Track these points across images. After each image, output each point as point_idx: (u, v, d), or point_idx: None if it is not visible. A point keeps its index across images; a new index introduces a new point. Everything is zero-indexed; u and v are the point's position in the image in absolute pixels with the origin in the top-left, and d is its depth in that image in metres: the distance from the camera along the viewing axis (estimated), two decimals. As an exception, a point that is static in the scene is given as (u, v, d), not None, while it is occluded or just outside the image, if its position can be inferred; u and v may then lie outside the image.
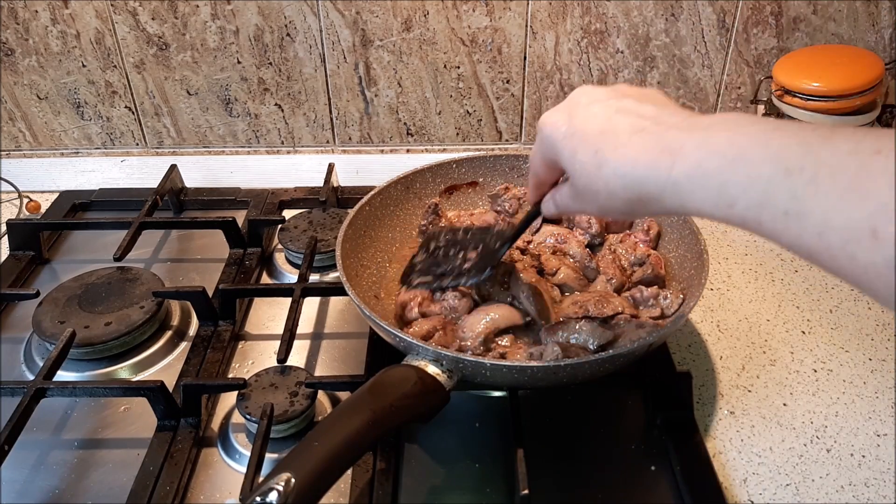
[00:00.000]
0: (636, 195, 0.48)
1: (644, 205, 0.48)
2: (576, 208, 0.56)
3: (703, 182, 0.44)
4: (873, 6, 0.98)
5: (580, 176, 0.51)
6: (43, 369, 0.72)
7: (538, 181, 0.61)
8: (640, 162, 0.47)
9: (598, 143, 0.50)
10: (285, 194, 1.07)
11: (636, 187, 0.47)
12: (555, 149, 0.54)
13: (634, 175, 0.47)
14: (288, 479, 0.51)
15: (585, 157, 0.50)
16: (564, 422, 0.72)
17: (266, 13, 1.00)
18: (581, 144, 0.51)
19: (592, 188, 0.51)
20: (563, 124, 0.53)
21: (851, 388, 0.76)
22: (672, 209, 0.47)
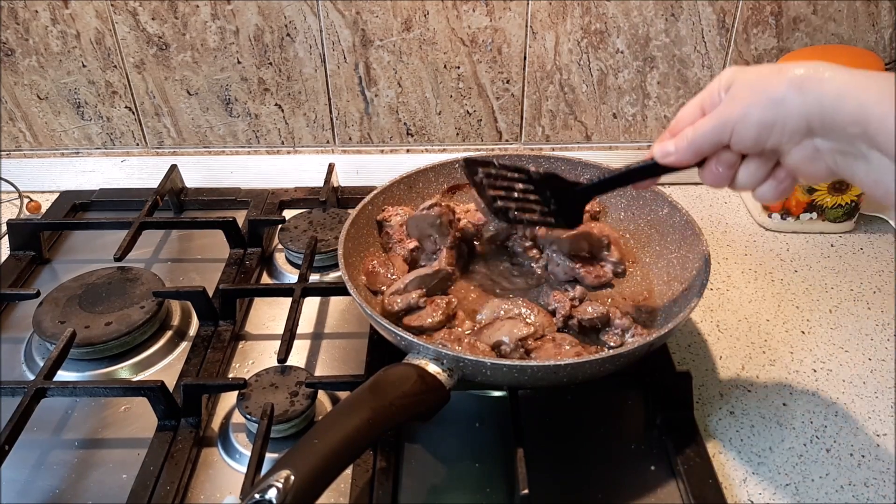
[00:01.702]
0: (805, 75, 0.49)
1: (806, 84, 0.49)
2: (709, 121, 0.54)
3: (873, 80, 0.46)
4: (873, 6, 0.98)
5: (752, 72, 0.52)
6: (43, 369, 0.72)
7: (673, 127, 0.59)
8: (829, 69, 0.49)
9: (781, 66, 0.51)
10: (285, 194, 1.07)
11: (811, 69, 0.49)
12: (731, 73, 0.54)
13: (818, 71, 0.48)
14: (287, 476, 0.51)
15: (766, 69, 0.52)
16: (564, 421, 0.72)
17: (266, 13, 1.00)
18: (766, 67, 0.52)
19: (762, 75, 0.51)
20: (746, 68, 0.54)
21: (851, 388, 0.76)
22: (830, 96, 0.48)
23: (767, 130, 0.51)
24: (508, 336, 0.69)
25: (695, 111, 0.57)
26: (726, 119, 0.53)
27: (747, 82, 0.52)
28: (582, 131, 1.10)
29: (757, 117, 0.51)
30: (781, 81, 0.50)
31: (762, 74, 0.52)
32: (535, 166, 0.70)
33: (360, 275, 0.80)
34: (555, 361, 0.64)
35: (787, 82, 0.49)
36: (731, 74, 0.54)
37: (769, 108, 0.50)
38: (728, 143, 0.54)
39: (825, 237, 0.98)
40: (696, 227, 0.78)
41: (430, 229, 0.80)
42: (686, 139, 0.55)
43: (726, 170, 0.57)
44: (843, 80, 0.47)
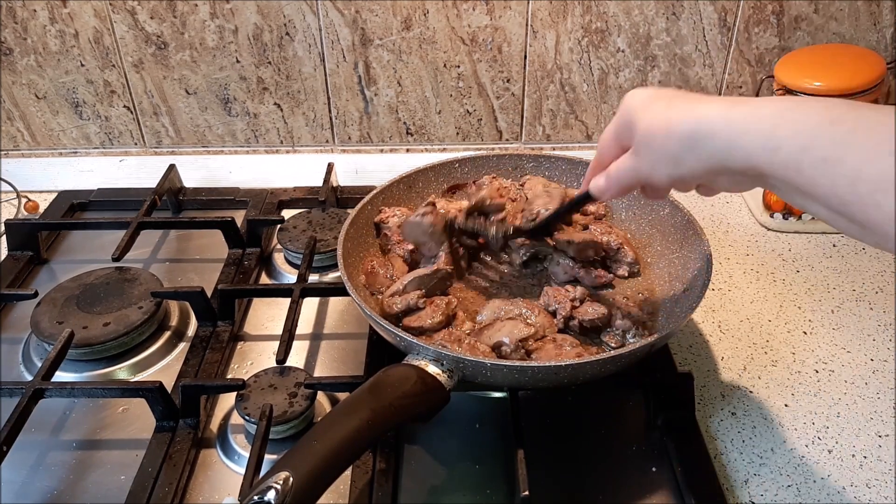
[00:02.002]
0: (692, 132, 0.51)
1: (696, 144, 0.52)
2: (628, 166, 0.58)
3: (756, 124, 0.48)
4: (875, 5, 0.98)
5: (645, 123, 0.55)
6: (41, 370, 0.71)
7: (599, 162, 0.63)
8: (708, 108, 0.51)
9: (674, 99, 0.55)
10: (284, 194, 1.06)
11: (693, 126, 0.51)
12: (631, 113, 0.57)
13: (697, 115, 0.51)
14: (286, 477, 0.51)
15: (659, 107, 0.55)
16: (565, 423, 0.72)
17: (265, 12, 1.00)
18: (657, 103, 0.55)
19: (652, 131, 0.54)
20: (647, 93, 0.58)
21: (853, 389, 0.76)
22: (720, 150, 0.50)
23: (677, 180, 0.56)
24: (509, 337, 0.69)
25: (612, 143, 0.61)
26: (638, 170, 0.58)
27: (645, 139, 0.55)
28: (583, 130, 1.09)
29: (664, 172, 0.55)
30: (673, 140, 0.53)
31: (654, 128, 0.54)
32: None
33: (360, 275, 0.80)
34: (555, 362, 0.64)
35: (678, 142, 0.53)
36: (630, 115, 0.57)
37: (671, 166, 0.54)
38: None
39: (827, 237, 0.98)
40: (698, 227, 0.78)
41: (423, 236, 0.80)
42: (613, 180, 0.61)
43: (656, 192, 0.64)
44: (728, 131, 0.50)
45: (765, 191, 0.98)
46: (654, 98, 0.56)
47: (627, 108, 0.58)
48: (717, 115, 0.50)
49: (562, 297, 0.75)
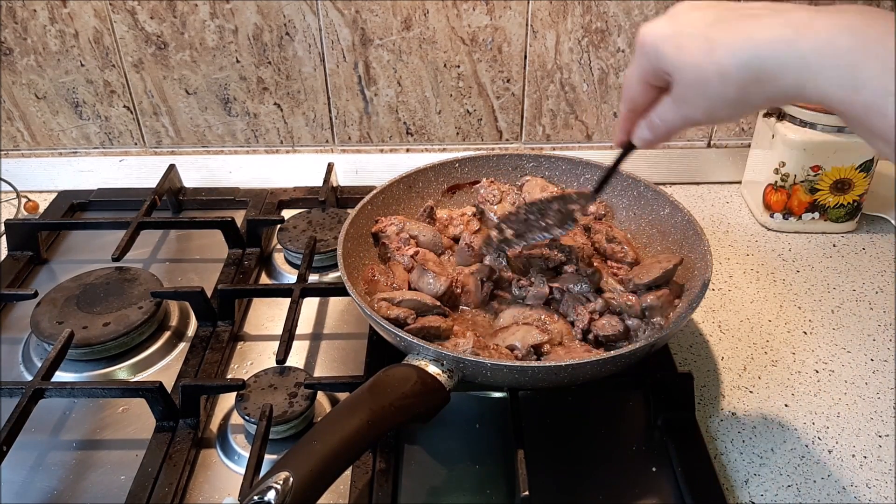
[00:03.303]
0: (753, 74, 0.45)
1: (760, 86, 0.45)
2: (678, 115, 0.53)
3: (832, 59, 0.42)
4: (874, 6, 0.97)
5: (690, 68, 0.48)
6: (41, 370, 0.71)
7: (632, 107, 0.57)
8: (761, 36, 0.45)
9: (709, 32, 0.47)
10: (284, 194, 1.06)
11: (754, 63, 0.45)
12: (657, 53, 0.51)
13: (754, 49, 0.45)
14: (286, 477, 0.51)
15: (695, 46, 0.48)
16: (565, 423, 0.72)
17: (265, 12, 1.00)
18: (689, 38, 0.48)
19: (702, 78, 0.48)
20: (666, 27, 0.51)
21: (853, 389, 0.76)
22: (790, 90, 0.45)
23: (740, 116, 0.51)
24: (521, 342, 0.69)
25: (643, 87, 0.55)
26: (691, 118, 0.52)
27: (694, 85, 0.49)
28: (583, 130, 1.09)
29: (723, 115, 0.50)
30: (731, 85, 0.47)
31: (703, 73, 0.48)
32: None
33: (360, 278, 0.79)
34: (555, 362, 0.63)
35: (738, 86, 0.46)
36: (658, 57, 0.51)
37: (732, 108, 0.49)
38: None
39: (827, 237, 0.98)
40: (698, 227, 0.78)
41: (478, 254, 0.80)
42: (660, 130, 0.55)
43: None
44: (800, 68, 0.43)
45: (765, 191, 0.98)
46: (681, 32, 0.49)
47: (651, 49, 0.51)
48: (783, 46, 0.43)
49: (581, 308, 0.73)
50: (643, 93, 0.55)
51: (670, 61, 0.50)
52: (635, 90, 0.55)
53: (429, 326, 0.71)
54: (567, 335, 0.72)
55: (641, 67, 0.53)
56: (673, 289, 0.76)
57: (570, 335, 0.72)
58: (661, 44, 0.50)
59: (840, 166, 0.93)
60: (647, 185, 0.85)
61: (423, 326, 0.71)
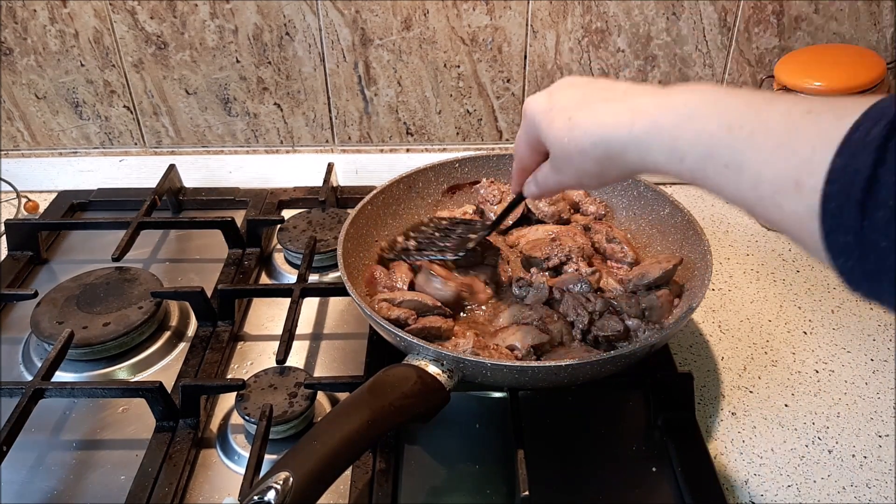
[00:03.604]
0: (604, 153, 0.52)
1: (612, 162, 0.52)
2: (554, 180, 0.60)
3: (658, 137, 0.48)
4: (875, 6, 0.98)
5: (556, 142, 0.56)
6: (41, 370, 0.71)
7: (522, 166, 0.64)
8: (606, 122, 0.51)
9: (571, 112, 0.54)
10: (284, 194, 1.06)
11: (603, 144, 0.51)
12: (535, 124, 0.58)
13: (601, 133, 0.51)
14: (286, 477, 0.51)
15: (560, 124, 0.55)
16: (565, 423, 0.72)
17: (265, 12, 1.00)
18: (558, 115, 0.55)
19: (566, 152, 0.55)
20: (544, 102, 0.58)
21: (853, 389, 0.76)
22: (635, 166, 0.51)
23: (604, 184, 0.59)
24: (521, 342, 0.69)
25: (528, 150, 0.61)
26: (566, 184, 0.59)
27: (562, 158, 0.56)
28: (582, 131, 1.09)
29: (591, 183, 0.57)
30: (588, 160, 0.53)
31: (567, 148, 0.54)
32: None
33: (360, 278, 0.79)
34: (555, 362, 0.63)
35: (594, 161, 0.53)
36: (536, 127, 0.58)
37: (596, 179, 0.56)
38: None
39: (827, 237, 0.98)
40: (698, 227, 0.77)
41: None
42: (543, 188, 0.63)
43: None
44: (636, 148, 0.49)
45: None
46: (553, 108, 0.56)
47: (531, 119, 0.59)
48: (623, 129, 0.50)
49: (581, 308, 0.73)
50: (529, 155, 0.62)
51: (543, 134, 0.57)
52: (523, 152, 0.62)
53: (430, 327, 0.71)
54: (567, 335, 0.72)
55: (526, 134, 0.60)
56: (673, 289, 0.76)
57: (569, 335, 0.72)
58: (537, 117, 0.58)
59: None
60: (647, 186, 0.85)
61: (424, 327, 0.71)
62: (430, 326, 0.71)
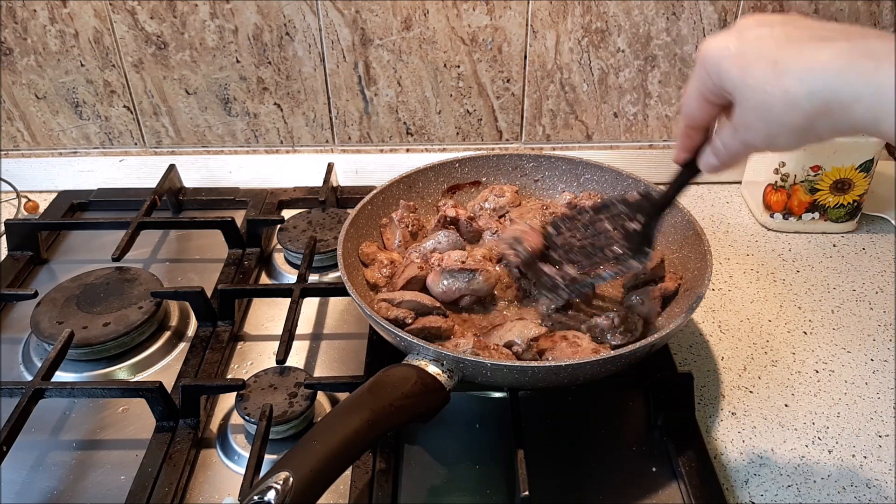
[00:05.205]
0: (822, 103, 0.42)
1: (829, 117, 0.42)
2: (739, 140, 0.50)
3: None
4: (875, 6, 0.98)
5: (753, 91, 0.46)
6: (41, 370, 0.71)
7: (691, 123, 0.55)
8: (833, 65, 0.41)
9: (777, 54, 0.44)
10: (284, 194, 1.06)
11: (824, 92, 0.42)
12: (720, 71, 0.48)
13: (824, 77, 0.42)
14: (286, 477, 0.51)
15: (761, 68, 0.45)
16: (565, 423, 0.72)
17: (265, 12, 1.00)
18: (756, 58, 0.45)
19: (767, 103, 0.45)
20: (731, 44, 0.48)
21: (853, 389, 0.76)
22: (862, 125, 0.41)
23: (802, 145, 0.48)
24: (520, 336, 0.69)
25: (703, 105, 0.53)
26: (755, 145, 0.50)
27: (758, 111, 0.46)
28: (583, 131, 1.09)
29: (789, 142, 0.47)
30: (798, 112, 0.44)
31: (769, 98, 0.45)
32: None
33: (360, 276, 0.79)
34: (555, 362, 0.63)
35: (805, 115, 0.43)
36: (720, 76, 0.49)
37: (798, 136, 0.46)
38: None
39: (827, 237, 0.98)
40: (698, 227, 0.77)
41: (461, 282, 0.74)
42: (726, 157, 0.53)
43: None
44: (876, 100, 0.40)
45: (765, 191, 0.98)
46: (747, 51, 0.46)
47: (713, 64, 0.49)
48: (858, 76, 0.40)
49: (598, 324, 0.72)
50: (703, 110, 0.53)
51: (733, 81, 0.47)
52: (694, 107, 0.53)
53: (430, 327, 0.71)
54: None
55: (702, 83, 0.51)
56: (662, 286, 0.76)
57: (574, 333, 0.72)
58: (724, 62, 0.48)
59: (840, 166, 0.93)
60: (647, 186, 0.85)
61: (425, 327, 0.71)
62: (430, 326, 0.71)
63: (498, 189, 0.90)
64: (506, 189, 0.90)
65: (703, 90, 0.52)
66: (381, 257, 0.80)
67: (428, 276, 0.76)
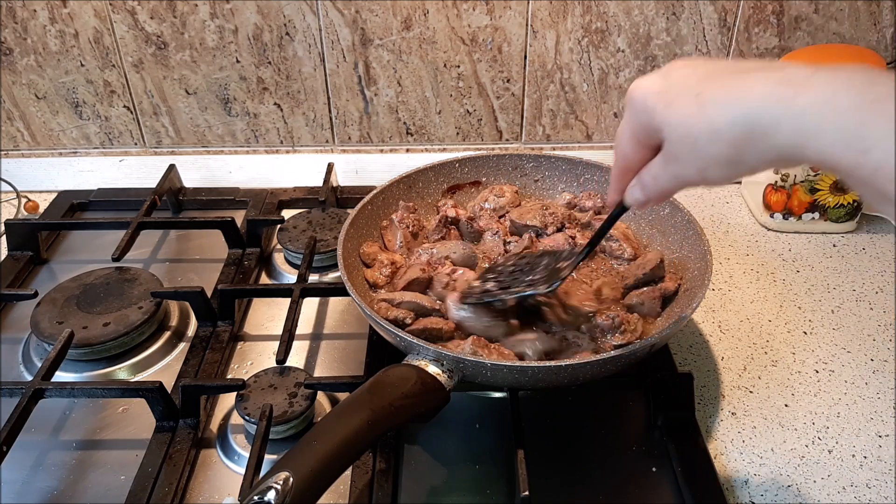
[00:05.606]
0: (745, 130, 0.42)
1: (753, 144, 0.42)
2: (670, 174, 0.50)
3: (834, 117, 0.38)
4: (875, 6, 0.98)
5: (679, 124, 0.46)
6: (41, 370, 0.71)
7: (625, 165, 0.54)
8: (754, 92, 0.41)
9: (699, 87, 0.45)
10: (284, 194, 1.06)
11: (747, 120, 0.42)
12: (647, 109, 0.48)
13: (745, 106, 0.42)
14: (286, 477, 0.51)
15: (685, 102, 0.45)
16: (565, 423, 0.72)
17: (265, 12, 1.00)
18: (679, 93, 0.46)
19: (692, 135, 0.45)
20: (656, 84, 0.48)
21: (853, 389, 0.76)
22: (787, 150, 0.41)
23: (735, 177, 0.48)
24: (531, 349, 0.69)
25: (634, 146, 0.53)
26: (683, 178, 0.50)
27: (684, 143, 0.46)
28: (583, 130, 1.09)
29: (718, 175, 0.47)
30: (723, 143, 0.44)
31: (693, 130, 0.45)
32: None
33: (360, 276, 0.79)
34: (555, 362, 0.63)
35: (730, 145, 0.43)
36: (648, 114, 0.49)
37: (726, 168, 0.46)
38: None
39: (827, 237, 0.98)
40: (698, 227, 0.78)
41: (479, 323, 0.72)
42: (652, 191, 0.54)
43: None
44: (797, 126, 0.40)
45: (765, 191, 0.98)
46: (671, 88, 0.47)
47: (641, 104, 0.49)
48: (778, 102, 0.40)
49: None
50: (635, 151, 0.53)
51: (660, 117, 0.48)
52: (627, 148, 0.53)
53: (431, 328, 0.71)
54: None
55: (632, 124, 0.51)
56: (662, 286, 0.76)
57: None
58: (650, 99, 0.48)
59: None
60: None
61: (426, 328, 0.71)
62: (430, 328, 0.71)
63: (498, 189, 0.90)
64: (506, 189, 0.90)
65: (633, 131, 0.52)
66: (382, 258, 0.80)
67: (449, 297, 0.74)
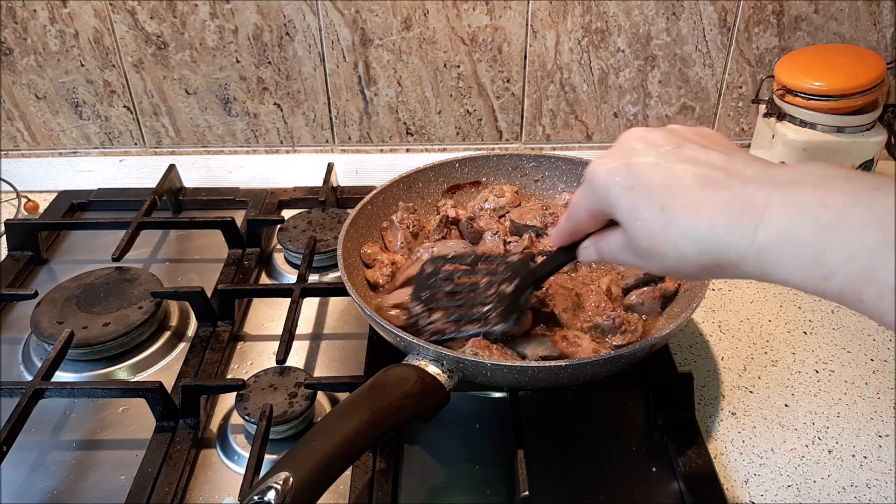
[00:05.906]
0: (712, 261, 0.43)
1: (720, 270, 0.43)
2: (627, 262, 0.51)
3: (793, 249, 0.39)
4: (875, 6, 0.98)
5: (643, 236, 0.46)
6: (41, 370, 0.71)
7: (576, 229, 0.55)
8: (717, 223, 0.42)
9: (664, 199, 0.44)
10: (284, 194, 1.06)
11: (713, 252, 0.42)
12: (609, 201, 0.48)
13: (711, 238, 0.42)
14: (286, 477, 0.51)
15: (650, 214, 0.45)
16: (565, 423, 0.72)
17: (265, 12, 1.00)
18: (643, 199, 0.45)
19: (658, 249, 0.45)
20: (619, 174, 0.47)
21: (853, 389, 0.76)
22: (753, 276, 0.42)
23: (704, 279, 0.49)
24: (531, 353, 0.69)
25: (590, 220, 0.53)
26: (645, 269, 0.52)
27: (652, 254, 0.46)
28: (583, 131, 1.09)
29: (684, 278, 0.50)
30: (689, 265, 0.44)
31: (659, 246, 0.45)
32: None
33: (360, 276, 0.79)
34: (555, 362, 0.63)
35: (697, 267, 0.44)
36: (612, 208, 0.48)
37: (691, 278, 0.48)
38: None
39: (827, 237, 0.98)
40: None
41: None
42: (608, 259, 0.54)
43: None
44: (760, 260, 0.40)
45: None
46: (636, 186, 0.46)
47: (603, 192, 0.48)
48: (738, 238, 0.41)
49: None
50: (590, 222, 0.53)
51: (623, 216, 0.47)
52: (583, 218, 0.53)
53: None
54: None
55: (591, 202, 0.51)
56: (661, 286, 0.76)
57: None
58: (613, 190, 0.47)
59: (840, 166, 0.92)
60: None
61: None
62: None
63: (498, 189, 0.90)
64: (506, 189, 0.90)
65: (591, 208, 0.51)
66: (383, 258, 0.80)
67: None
